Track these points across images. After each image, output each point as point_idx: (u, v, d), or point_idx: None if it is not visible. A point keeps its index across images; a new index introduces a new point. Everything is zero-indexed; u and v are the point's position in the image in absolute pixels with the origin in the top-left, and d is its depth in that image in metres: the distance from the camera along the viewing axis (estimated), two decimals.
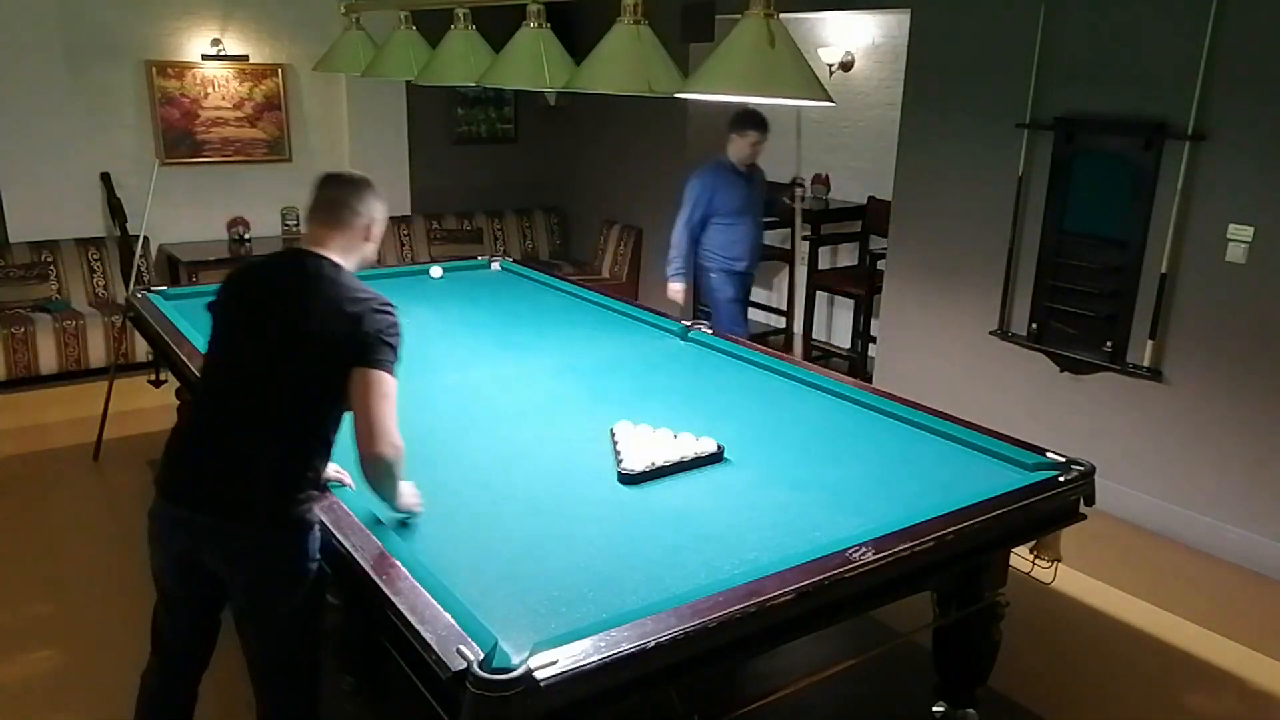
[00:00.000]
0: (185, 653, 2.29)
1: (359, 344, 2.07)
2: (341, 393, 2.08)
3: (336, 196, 2.26)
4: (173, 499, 2.10)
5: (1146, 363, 4.12)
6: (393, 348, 2.11)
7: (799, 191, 5.46)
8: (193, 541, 2.09)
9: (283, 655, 2.17)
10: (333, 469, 2.25)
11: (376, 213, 2.29)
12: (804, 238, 6.47)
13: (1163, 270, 4.00)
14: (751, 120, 4.80)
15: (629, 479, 2.51)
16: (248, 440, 2.08)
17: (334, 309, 2.09)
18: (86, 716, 2.90)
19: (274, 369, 2.09)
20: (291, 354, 2.08)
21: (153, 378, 5.21)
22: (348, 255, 2.24)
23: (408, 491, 2.24)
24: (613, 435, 2.73)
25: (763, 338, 6.48)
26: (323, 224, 2.24)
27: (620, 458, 2.59)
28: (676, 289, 4.88)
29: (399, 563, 1.99)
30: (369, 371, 2.06)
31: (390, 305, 2.16)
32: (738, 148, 4.81)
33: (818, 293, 6.25)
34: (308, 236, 2.26)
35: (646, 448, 2.61)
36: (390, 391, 2.08)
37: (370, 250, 2.32)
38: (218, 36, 6.15)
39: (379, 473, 2.08)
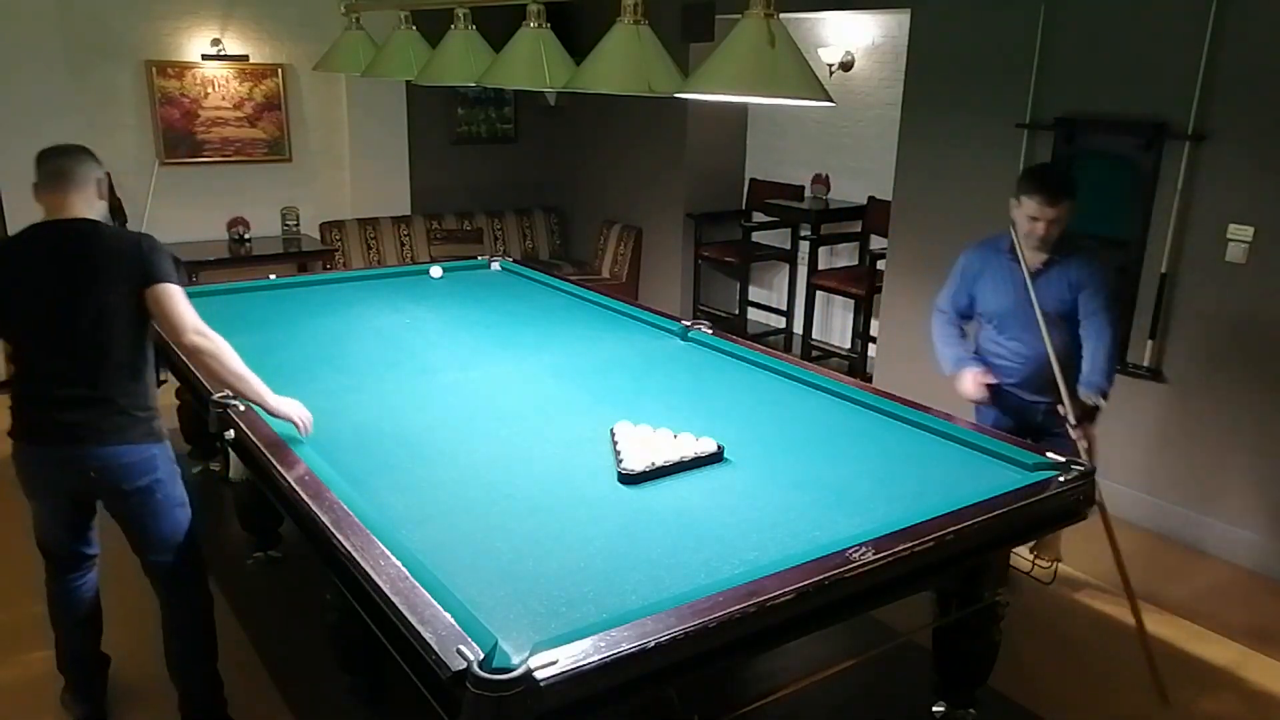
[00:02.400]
0: (81, 556, 2.75)
1: (144, 269, 2.49)
2: (145, 315, 2.52)
3: (65, 164, 2.57)
4: (54, 442, 2.50)
5: (1146, 363, 4.12)
6: (171, 261, 2.55)
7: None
8: (79, 474, 2.51)
9: (167, 543, 2.65)
10: (296, 411, 2.69)
11: (99, 174, 2.63)
12: (803, 237, 6.49)
13: (1163, 270, 4.00)
14: (1036, 182, 3.19)
15: (629, 479, 2.51)
16: (95, 378, 2.48)
17: (114, 252, 2.50)
18: None
19: (92, 316, 2.46)
20: (100, 299, 2.46)
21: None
22: (92, 211, 2.57)
23: (286, 403, 2.68)
24: (613, 435, 2.73)
25: (763, 338, 6.48)
26: (61, 190, 2.54)
27: (620, 457, 2.59)
28: (959, 378, 3.38)
29: (399, 562, 1.99)
30: (158, 286, 2.50)
31: (150, 235, 2.62)
32: (1017, 220, 3.24)
33: (818, 293, 6.25)
34: (50, 206, 2.56)
35: (646, 448, 2.61)
36: (182, 296, 2.53)
37: (102, 207, 2.63)
38: (218, 36, 6.14)
39: (201, 361, 2.61)
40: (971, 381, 3.32)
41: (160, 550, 2.66)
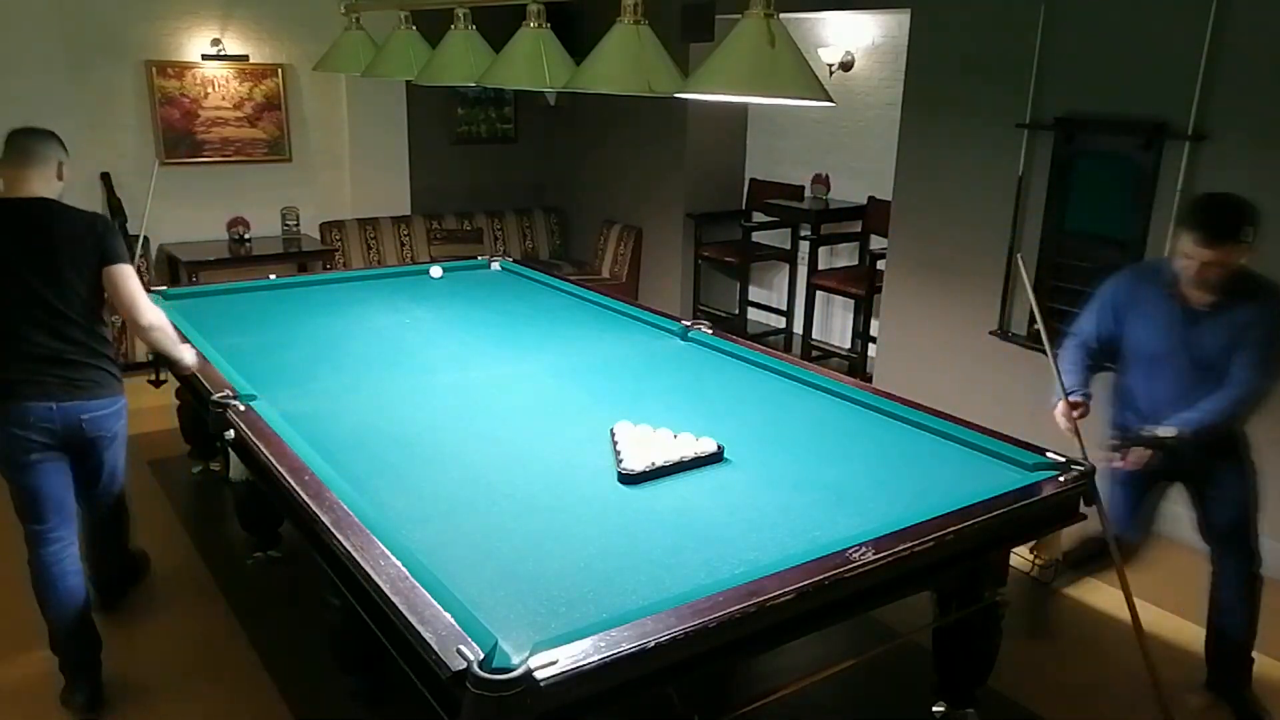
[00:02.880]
0: (63, 510, 2.94)
1: (101, 251, 2.78)
2: (99, 287, 2.81)
3: (29, 143, 2.82)
4: (39, 396, 2.76)
5: None
6: (122, 241, 2.87)
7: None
8: (63, 425, 2.80)
9: (116, 473, 3.10)
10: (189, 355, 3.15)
11: (62, 156, 2.88)
12: (803, 237, 6.49)
13: None
14: (1198, 215, 2.76)
15: (629, 479, 2.51)
16: (71, 339, 2.78)
17: (71, 234, 2.77)
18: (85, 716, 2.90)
19: (55, 289, 2.74)
20: (61, 274, 2.75)
21: (152, 378, 5.20)
22: (50, 189, 2.82)
23: (187, 353, 3.14)
24: (613, 435, 2.73)
25: (763, 338, 6.48)
26: (23, 167, 2.78)
27: (620, 457, 2.59)
28: (1058, 411, 2.93)
29: (399, 562, 1.99)
30: (113, 267, 2.80)
31: (104, 216, 2.99)
32: (1180, 255, 2.78)
33: (818, 293, 6.25)
34: (9, 182, 2.79)
35: (646, 447, 2.61)
36: (132, 275, 2.85)
37: (60, 187, 2.87)
38: (218, 36, 6.14)
39: (153, 339, 2.98)
40: (1061, 411, 2.89)
41: (114, 480, 3.12)
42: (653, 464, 2.54)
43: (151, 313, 2.92)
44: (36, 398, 2.75)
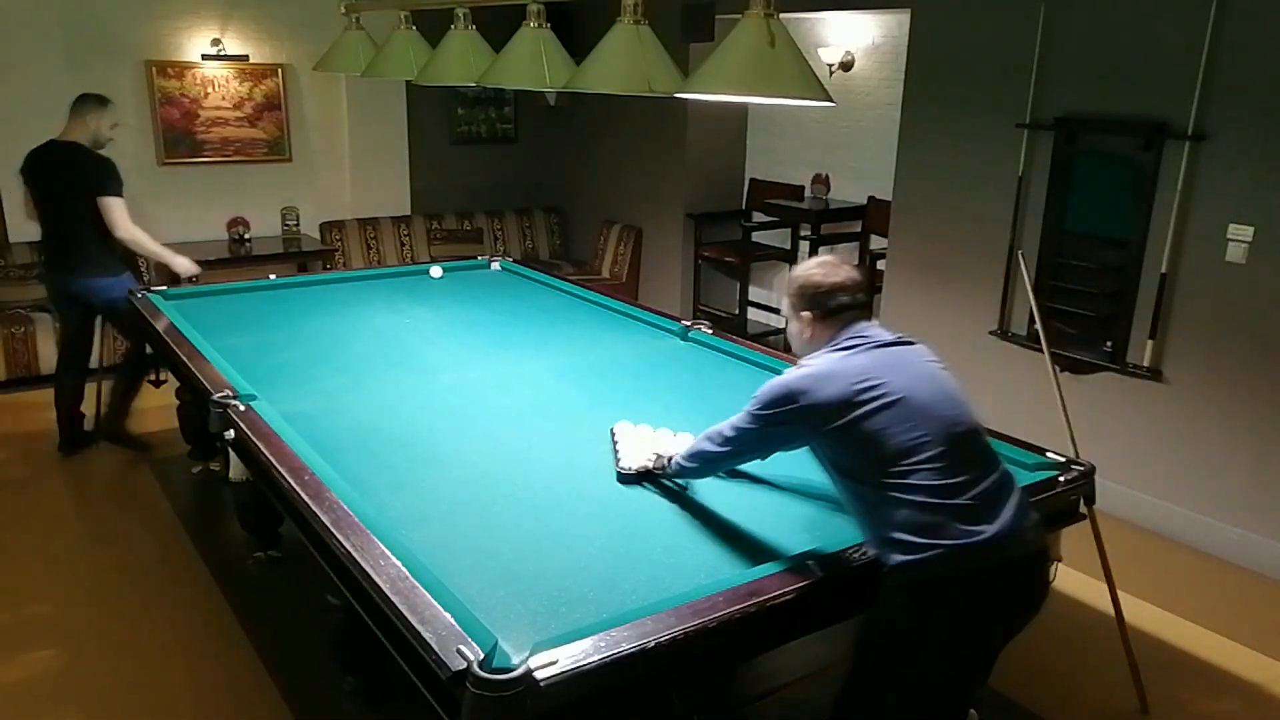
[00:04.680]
0: (79, 350, 4.64)
1: (95, 185, 4.21)
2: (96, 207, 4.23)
3: (75, 104, 4.32)
4: (66, 271, 4.38)
5: (1146, 363, 4.12)
6: (115, 180, 4.25)
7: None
8: (79, 291, 4.40)
9: (127, 323, 4.32)
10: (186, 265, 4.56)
11: (92, 111, 4.30)
12: (803, 237, 6.49)
13: (1163, 270, 4.00)
14: None
15: (627, 479, 2.51)
16: (83, 239, 4.29)
17: (80, 168, 4.23)
18: (85, 716, 2.91)
19: (77, 201, 4.22)
20: (73, 196, 4.23)
21: (152, 377, 5.20)
22: (81, 135, 4.26)
23: (180, 261, 4.50)
24: (613, 435, 2.73)
25: (763, 338, 6.48)
26: (69, 120, 4.30)
27: (619, 457, 2.59)
28: None
29: (399, 561, 1.99)
30: (104, 199, 4.22)
31: (108, 159, 4.31)
32: None
33: None
34: (64, 130, 4.30)
35: (646, 447, 2.60)
36: (119, 205, 4.25)
37: (90, 131, 4.29)
38: (218, 36, 6.14)
39: (132, 248, 4.40)
40: None
41: (131, 331, 4.46)
42: (649, 463, 2.53)
43: (124, 230, 4.25)
44: (62, 270, 4.37)
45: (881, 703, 2.04)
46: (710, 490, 2.49)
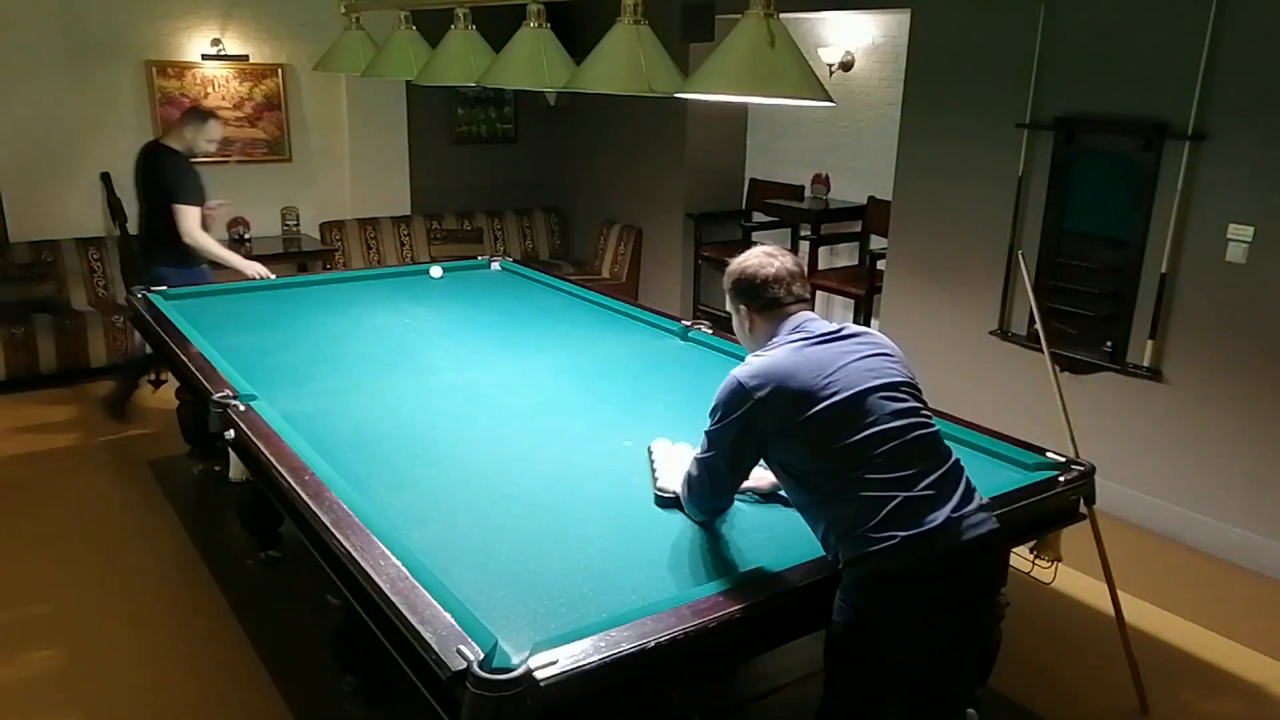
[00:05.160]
0: None
1: (171, 190, 4.53)
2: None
3: (183, 116, 4.87)
4: (145, 258, 4.73)
5: (1146, 363, 4.12)
6: (192, 187, 4.58)
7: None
8: (153, 277, 4.46)
9: None
10: (257, 269, 4.70)
11: (193, 123, 4.71)
12: (803, 237, 6.49)
13: (1163, 270, 4.00)
14: None
15: (665, 502, 2.37)
16: (159, 232, 4.60)
17: (166, 171, 4.57)
18: (85, 716, 2.90)
19: (156, 199, 4.59)
20: (156, 192, 4.59)
21: (152, 378, 5.21)
22: (174, 142, 4.65)
23: (253, 266, 4.67)
24: (650, 454, 2.62)
25: None
26: (171, 125, 4.90)
27: (656, 478, 2.46)
28: None
29: (399, 561, 1.99)
30: (175, 206, 4.51)
31: (192, 168, 4.64)
32: None
33: (818, 293, 6.24)
34: (165, 132, 4.88)
35: (684, 467, 2.35)
36: (189, 213, 4.54)
37: (187, 139, 4.68)
38: (218, 36, 6.14)
39: (199, 251, 4.60)
40: None
41: None
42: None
43: (189, 236, 4.53)
44: (144, 257, 4.74)
45: (858, 702, 2.02)
46: None
